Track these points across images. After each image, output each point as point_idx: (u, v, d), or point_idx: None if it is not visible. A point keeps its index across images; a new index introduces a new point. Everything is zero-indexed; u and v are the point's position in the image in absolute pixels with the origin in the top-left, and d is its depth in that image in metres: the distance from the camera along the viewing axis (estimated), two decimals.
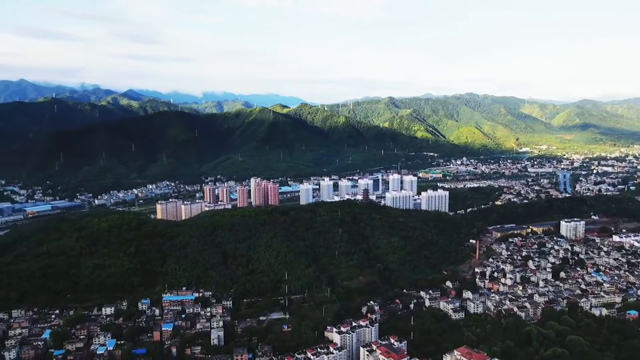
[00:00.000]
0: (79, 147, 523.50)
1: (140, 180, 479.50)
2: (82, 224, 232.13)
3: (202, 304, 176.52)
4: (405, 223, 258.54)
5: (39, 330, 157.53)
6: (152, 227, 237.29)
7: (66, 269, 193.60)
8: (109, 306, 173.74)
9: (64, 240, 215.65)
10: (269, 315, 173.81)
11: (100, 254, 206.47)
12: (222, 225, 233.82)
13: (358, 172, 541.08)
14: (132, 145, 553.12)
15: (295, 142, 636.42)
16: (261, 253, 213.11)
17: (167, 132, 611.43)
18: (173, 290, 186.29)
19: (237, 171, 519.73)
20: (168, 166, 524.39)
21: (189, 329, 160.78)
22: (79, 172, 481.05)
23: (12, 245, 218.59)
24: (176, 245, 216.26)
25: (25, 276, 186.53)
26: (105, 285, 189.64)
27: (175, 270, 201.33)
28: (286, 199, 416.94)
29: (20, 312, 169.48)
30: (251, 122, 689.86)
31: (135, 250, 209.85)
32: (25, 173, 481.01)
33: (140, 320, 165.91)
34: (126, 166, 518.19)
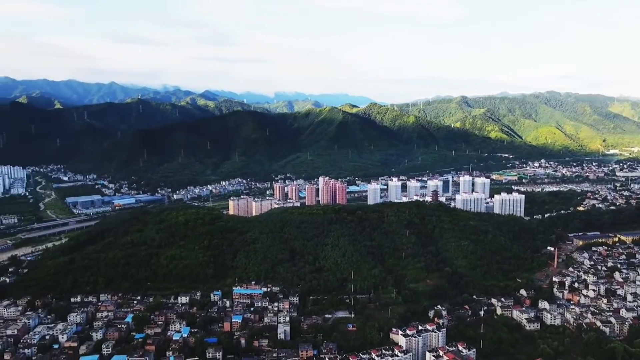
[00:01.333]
0: (160, 145, 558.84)
1: (215, 177, 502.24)
2: (162, 217, 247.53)
3: (270, 299, 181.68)
4: (477, 226, 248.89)
5: (123, 314, 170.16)
6: (225, 222, 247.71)
7: (147, 259, 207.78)
8: (184, 295, 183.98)
9: (146, 231, 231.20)
10: (334, 313, 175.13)
11: (177, 245, 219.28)
12: (290, 223, 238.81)
13: (427, 173, 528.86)
14: (208, 144, 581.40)
15: (364, 142, 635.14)
16: (328, 251, 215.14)
17: (241, 131, 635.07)
18: (243, 284, 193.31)
19: (306, 170, 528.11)
20: (240, 164, 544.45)
21: (257, 322, 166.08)
22: (159, 168, 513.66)
23: (101, 234, 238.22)
24: (246, 241, 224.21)
25: (112, 263, 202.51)
26: (181, 276, 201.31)
27: (245, 265, 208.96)
28: (353, 198, 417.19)
29: (107, 297, 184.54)
30: (320, 121, 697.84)
31: (209, 243, 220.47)
32: (113, 168, 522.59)
33: (212, 311, 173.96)
34: (202, 163, 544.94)
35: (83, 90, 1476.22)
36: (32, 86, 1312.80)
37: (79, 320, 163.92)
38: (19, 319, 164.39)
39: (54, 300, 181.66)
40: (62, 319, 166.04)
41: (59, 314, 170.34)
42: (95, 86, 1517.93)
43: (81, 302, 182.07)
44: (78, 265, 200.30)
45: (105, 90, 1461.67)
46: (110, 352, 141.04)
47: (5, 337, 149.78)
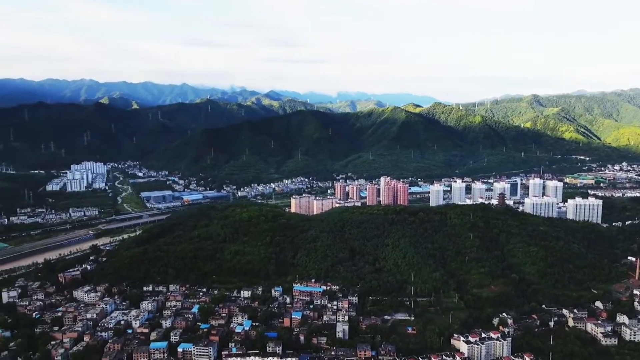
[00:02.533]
0: (227, 143, 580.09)
1: (278, 175, 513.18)
2: (227, 213, 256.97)
3: (329, 297, 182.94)
4: (547, 232, 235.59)
5: (190, 305, 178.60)
6: (287, 219, 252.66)
7: (212, 253, 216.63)
8: (247, 290, 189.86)
9: (212, 226, 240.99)
10: (393, 315, 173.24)
11: (241, 241, 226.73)
12: (351, 222, 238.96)
13: (494, 174, 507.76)
14: (272, 142, 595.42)
15: (427, 142, 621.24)
16: (388, 252, 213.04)
17: (303, 131, 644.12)
18: (303, 281, 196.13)
19: (367, 170, 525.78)
20: (303, 163, 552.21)
21: (316, 319, 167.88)
22: (226, 166, 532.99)
23: (171, 228, 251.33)
24: (307, 239, 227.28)
25: (181, 256, 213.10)
26: (244, 270, 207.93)
27: (305, 262, 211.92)
28: (415, 199, 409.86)
29: (175, 287, 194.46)
30: (383, 121, 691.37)
31: (271, 240, 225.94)
32: (183, 165, 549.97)
33: (273, 306, 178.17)
34: (266, 162, 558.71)
35: (157, 91, 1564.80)
36: (113, 88, 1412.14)
37: (150, 308, 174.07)
38: (98, 304, 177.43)
39: (128, 288, 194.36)
40: (136, 306, 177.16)
41: (132, 301, 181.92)
42: (168, 87, 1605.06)
43: (152, 291, 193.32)
44: (150, 257, 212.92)
45: (177, 91, 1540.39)
46: (177, 340, 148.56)
47: (85, 320, 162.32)
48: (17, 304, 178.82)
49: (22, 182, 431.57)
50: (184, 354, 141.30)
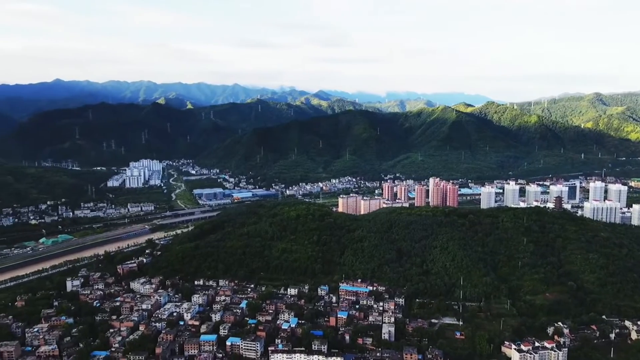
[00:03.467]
0: (276, 143, 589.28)
1: (325, 174, 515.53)
2: (275, 211, 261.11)
3: (375, 298, 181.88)
4: (609, 239, 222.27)
5: (238, 300, 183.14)
6: (334, 219, 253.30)
7: (260, 250, 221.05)
8: (294, 287, 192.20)
9: (260, 224, 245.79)
10: (441, 319, 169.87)
11: (289, 239, 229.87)
12: (398, 223, 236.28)
13: (550, 177, 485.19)
14: (320, 142, 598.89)
15: (479, 143, 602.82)
16: (436, 254, 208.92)
17: (352, 130, 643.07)
18: (349, 281, 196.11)
19: (416, 170, 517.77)
20: (350, 162, 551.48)
21: (362, 319, 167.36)
22: (275, 165, 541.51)
23: (222, 224, 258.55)
24: (354, 239, 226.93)
25: (230, 252, 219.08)
26: (291, 268, 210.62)
27: (352, 262, 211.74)
28: (465, 201, 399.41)
29: (225, 282, 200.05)
30: (433, 121, 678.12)
31: (318, 239, 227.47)
32: (234, 163, 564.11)
33: (319, 305, 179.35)
34: (314, 161, 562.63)
35: (210, 91, 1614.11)
36: (169, 89, 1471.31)
37: (201, 302, 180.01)
38: (152, 295, 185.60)
39: (181, 282, 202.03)
40: (187, 299, 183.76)
41: (184, 294, 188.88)
42: (220, 88, 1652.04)
43: (203, 285, 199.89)
44: (201, 252, 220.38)
45: (229, 92, 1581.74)
46: (226, 334, 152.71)
47: (141, 311, 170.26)
48: (80, 293, 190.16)
49: (85, 178, 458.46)
50: (232, 348, 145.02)
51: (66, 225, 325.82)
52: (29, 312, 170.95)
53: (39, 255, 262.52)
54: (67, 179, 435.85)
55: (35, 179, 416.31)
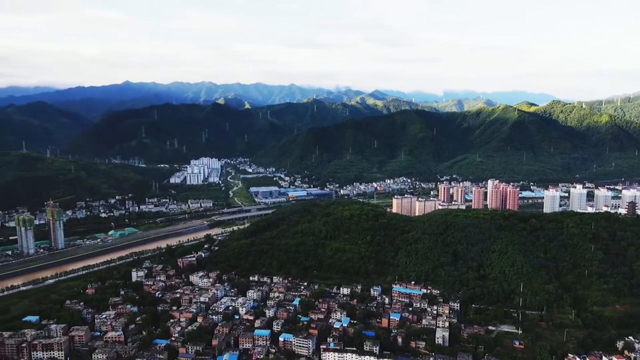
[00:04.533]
0: (331, 142, 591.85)
1: (380, 174, 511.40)
2: (329, 211, 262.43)
3: (429, 301, 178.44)
4: None
5: (291, 297, 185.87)
6: (388, 219, 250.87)
7: (314, 248, 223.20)
8: (346, 287, 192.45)
9: (314, 223, 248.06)
10: (498, 326, 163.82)
11: (342, 239, 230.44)
12: (454, 225, 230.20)
13: (622, 180, 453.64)
14: (375, 142, 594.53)
15: (542, 144, 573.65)
16: (494, 259, 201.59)
17: (407, 130, 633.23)
18: (402, 282, 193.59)
19: (473, 171, 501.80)
20: (406, 163, 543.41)
21: (415, 322, 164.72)
22: (329, 164, 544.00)
23: (277, 222, 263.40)
24: (408, 240, 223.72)
25: (284, 250, 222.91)
26: (344, 268, 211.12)
27: (405, 264, 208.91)
28: (526, 204, 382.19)
29: (279, 279, 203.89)
30: (492, 121, 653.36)
31: (371, 239, 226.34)
32: (289, 162, 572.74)
33: (371, 305, 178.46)
34: (368, 161, 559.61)
35: (267, 91, 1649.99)
36: (228, 89, 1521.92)
37: (255, 297, 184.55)
38: (210, 289, 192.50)
39: (237, 277, 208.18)
40: (243, 294, 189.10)
41: (240, 289, 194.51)
42: (277, 88, 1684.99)
43: (258, 281, 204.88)
44: (256, 248, 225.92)
45: (285, 92, 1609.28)
46: (279, 330, 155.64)
47: (199, 303, 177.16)
48: (144, 283, 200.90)
49: (150, 174, 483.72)
50: (285, 344, 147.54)
51: (132, 219, 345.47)
52: (98, 300, 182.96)
53: (108, 246, 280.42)
54: (134, 175, 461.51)
55: (106, 174, 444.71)
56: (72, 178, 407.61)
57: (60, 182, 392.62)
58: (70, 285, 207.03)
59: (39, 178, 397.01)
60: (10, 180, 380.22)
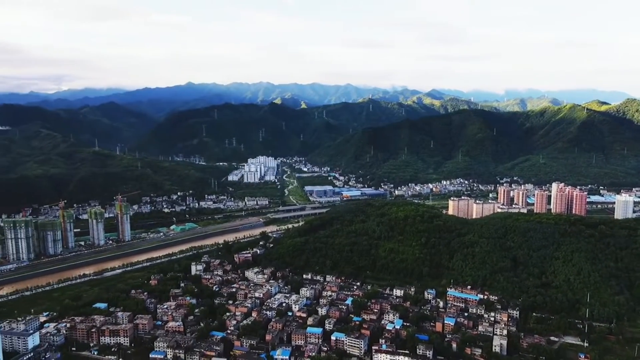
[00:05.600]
0: (386, 142, 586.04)
1: (436, 175, 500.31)
2: (383, 211, 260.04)
3: (485, 307, 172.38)
4: None
5: (344, 296, 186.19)
6: (443, 221, 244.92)
7: (367, 249, 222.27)
8: (399, 289, 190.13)
9: (368, 223, 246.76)
10: (561, 337, 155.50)
11: (396, 239, 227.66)
12: (514, 230, 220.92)
13: None
14: (431, 142, 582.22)
15: (614, 145, 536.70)
16: (558, 266, 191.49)
17: (465, 130, 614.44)
18: (458, 287, 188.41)
19: (536, 174, 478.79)
20: (463, 164, 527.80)
21: (471, 328, 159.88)
22: (384, 164, 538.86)
23: (330, 221, 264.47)
24: (464, 243, 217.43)
25: (338, 249, 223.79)
26: (397, 269, 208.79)
27: (461, 267, 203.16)
28: (595, 210, 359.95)
29: (332, 278, 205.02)
30: (558, 121, 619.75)
31: (426, 241, 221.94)
32: (344, 162, 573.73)
33: (425, 308, 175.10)
34: (424, 161, 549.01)
35: (323, 91, 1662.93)
36: (285, 89, 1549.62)
37: (308, 295, 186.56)
38: (264, 285, 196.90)
39: (290, 274, 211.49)
40: (296, 291, 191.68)
41: (293, 286, 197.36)
42: (333, 88, 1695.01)
43: (311, 279, 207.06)
44: (310, 247, 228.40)
45: (341, 92, 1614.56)
46: (331, 328, 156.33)
47: (254, 298, 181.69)
48: (202, 277, 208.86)
49: (210, 172, 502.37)
50: (337, 343, 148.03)
51: (192, 214, 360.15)
52: (160, 290, 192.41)
53: (170, 240, 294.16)
54: (195, 173, 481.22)
55: (169, 172, 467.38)
56: (138, 174, 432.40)
57: (127, 178, 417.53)
58: (135, 276, 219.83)
59: (109, 174, 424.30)
60: (84, 175, 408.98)
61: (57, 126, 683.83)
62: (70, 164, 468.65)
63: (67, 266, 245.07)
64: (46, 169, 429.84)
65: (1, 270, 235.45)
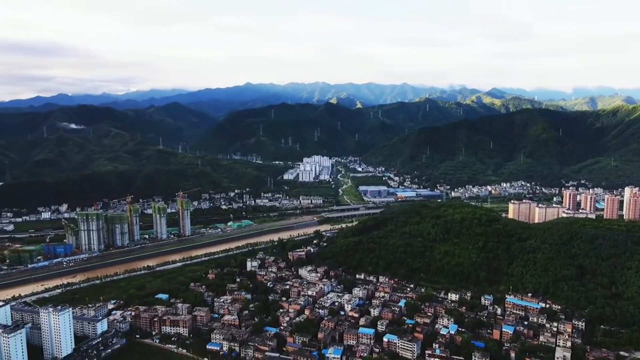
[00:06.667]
0: (442, 142, 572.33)
1: (495, 177, 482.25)
2: (439, 213, 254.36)
3: (548, 316, 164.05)
4: None
5: (397, 298, 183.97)
6: (502, 225, 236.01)
7: (422, 251, 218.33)
8: (455, 293, 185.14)
9: (423, 224, 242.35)
10: (633, 353, 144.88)
11: (452, 242, 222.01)
12: (580, 236, 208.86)
13: None
14: (491, 143, 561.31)
15: None
16: (630, 276, 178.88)
17: (528, 131, 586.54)
18: (517, 294, 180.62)
19: (607, 177, 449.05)
20: (525, 166, 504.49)
21: (531, 338, 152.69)
22: (440, 165, 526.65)
23: (384, 222, 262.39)
24: (525, 249, 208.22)
25: (391, 250, 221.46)
26: (453, 272, 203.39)
27: (521, 274, 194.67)
28: None
29: (384, 279, 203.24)
30: (633, 120, 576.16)
31: (484, 245, 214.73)
32: (399, 162, 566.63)
33: (481, 314, 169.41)
34: (483, 163, 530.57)
35: (379, 91, 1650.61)
36: (341, 89, 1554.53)
37: (361, 295, 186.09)
38: (317, 283, 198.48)
39: (343, 274, 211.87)
40: (348, 291, 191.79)
41: (346, 285, 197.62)
42: (389, 87, 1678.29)
43: (364, 279, 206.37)
44: (363, 247, 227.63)
45: (397, 91, 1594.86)
46: (384, 330, 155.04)
47: (307, 296, 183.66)
48: (257, 273, 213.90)
49: (266, 170, 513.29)
50: (389, 345, 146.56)
51: (249, 212, 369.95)
52: (217, 285, 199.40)
53: (227, 236, 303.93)
54: (251, 171, 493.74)
55: (227, 170, 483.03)
56: (198, 172, 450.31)
57: (188, 175, 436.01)
58: (194, 269, 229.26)
59: (171, 171, 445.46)
60: (149, 172, 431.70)
61: (125, 125, 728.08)
62: (137, 161, 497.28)
63: (132, 258, 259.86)
64: (115, 166, 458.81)
65: (75, 259, 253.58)
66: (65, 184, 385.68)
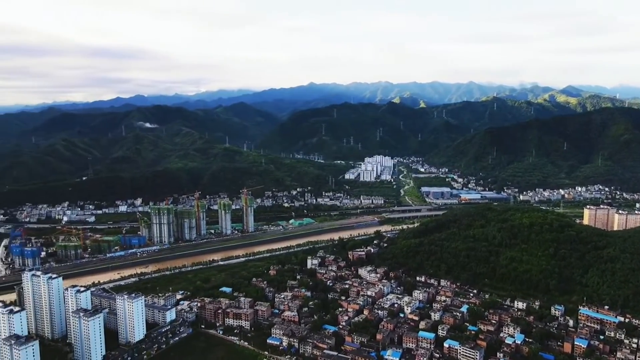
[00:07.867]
0: (511, 143, 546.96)
1: (569, 181, 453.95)
2: (506, 216, 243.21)
3: (627, 331, 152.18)
4: None
5: (459, 303, 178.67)
6: (576, 232, 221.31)
7: (486, 255, 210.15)
8: (522, 301, 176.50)
9: (488, 228, 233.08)
10: None
11: (519, 248, 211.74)
12: None
13: None
14: (565, 144, 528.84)
15: None
16: None
17: (607, 131, 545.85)
18: (592, 305, 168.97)
19: None
20: (603, 169, 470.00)
21: (607, 353, 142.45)
22: (508, 167, 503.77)
23: (447, 224, 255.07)
24: (602, 257, 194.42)
25: (454, 253, 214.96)
26: (520, 280, 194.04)
27: (597, 284, 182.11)
28: None
29: (446, 283, 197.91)
30: None
31: (555, 252, 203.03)
32: (463, 163, 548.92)
33: (551, 325, 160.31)
34: (555, 165, 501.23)
35: (444, 90, 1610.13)
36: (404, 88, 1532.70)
37: (421, 298, 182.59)
38: (377, 284, 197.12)
39: (403, 275, 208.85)
40: (408, 293, 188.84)
41: (406, 287, 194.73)
42: (454, 86, 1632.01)
43: (424, 282, 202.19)
44: (425, 249, 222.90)
45: (463, 90, 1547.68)
46: (444, 335, 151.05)
47: (366, 297, 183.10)
48: (317, 271, 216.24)
49: (327, 169, 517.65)
50: (450, 351, 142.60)
51: (310, 210, 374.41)
52: (278, 281, 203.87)
53: (288, 233, 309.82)
54: (313, 170, 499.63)
55: (290, 168, 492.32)
56: (262, 170, 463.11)
57: (252, 173, 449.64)
58: (256, 265, 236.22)
59: (237, 169, 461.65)
60: (215, 169, 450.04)
61: (195, 124, 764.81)
62: (205, 159, 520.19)
63: (199, 251, 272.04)
64: (185, 163, 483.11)
65: (147, 251, 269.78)
66: (140, 180, 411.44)
